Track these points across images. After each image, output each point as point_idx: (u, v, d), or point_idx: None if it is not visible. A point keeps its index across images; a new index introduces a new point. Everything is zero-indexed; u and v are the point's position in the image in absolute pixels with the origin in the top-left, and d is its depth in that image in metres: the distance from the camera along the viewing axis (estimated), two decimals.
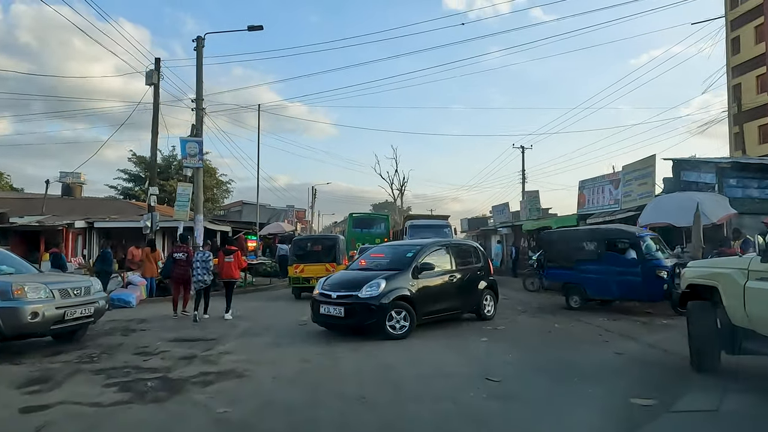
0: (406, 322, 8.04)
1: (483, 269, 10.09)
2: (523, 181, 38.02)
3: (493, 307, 10.12)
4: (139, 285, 13.77)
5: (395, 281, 8.26)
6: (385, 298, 7.94)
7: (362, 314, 7.95)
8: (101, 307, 8.04)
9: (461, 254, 9.84)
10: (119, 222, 17.62)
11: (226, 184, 43.58)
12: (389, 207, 76.79)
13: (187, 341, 8.16)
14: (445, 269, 9.20)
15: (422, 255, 8.92)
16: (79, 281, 8.01)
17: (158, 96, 16.88)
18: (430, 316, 8.66)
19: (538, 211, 26.35)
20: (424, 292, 8.51)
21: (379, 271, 8.66)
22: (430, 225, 22.05)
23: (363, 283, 8.18)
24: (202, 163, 17.39)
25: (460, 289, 9.33)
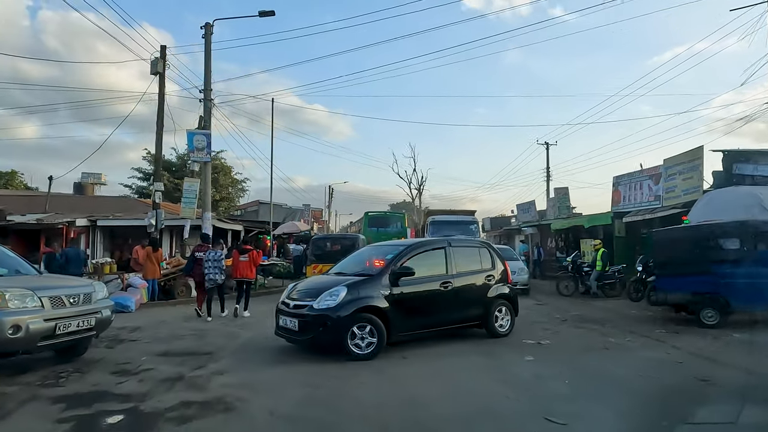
0: (374, 338, 6.60)
1: (495, 274, 8.24)
2: (548, 179, 36.33)
3: (510, 322, 8.22)
4: (139, 287, 12.71)
5: (362, 289, 6.80)
6: (343, 310, 6.52)
7: (316, 329, 6.59)
8: (105, 318, 6.59)
9: (464, 256, 8.04)
10: (123, 220, 16.63)
11: (241, 183, 42.74)
12: (407, 207, 75.62)
13: (178, 355, 7.00)
14: (438, 274, 7.54)
15: (404, 257, 7.35)
16: (77, 286, 6.53)
17: (164, 86, 15.84)
18: (412, 332, 7.14)
19: (568, 209, 24.75)
20: (403, 302, 6.98)
21: (350, 276, 7.29)
22: (453, 221, 19.81)
23: (324, 290, 6.83)
24: (210, 157, 16.31)
25: (458, 299, 7.60)
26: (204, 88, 16.68)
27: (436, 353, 7.03)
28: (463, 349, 7.25)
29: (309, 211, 43.05)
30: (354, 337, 6.56)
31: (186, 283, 14.20)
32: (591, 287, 14.98)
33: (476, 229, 19.67)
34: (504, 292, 8.28)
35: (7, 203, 18.69)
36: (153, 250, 13.12)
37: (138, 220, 16.16)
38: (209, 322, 10.12)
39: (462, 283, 7.71)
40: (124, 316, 11.15)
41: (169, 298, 13.66)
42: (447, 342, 7.60)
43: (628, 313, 11.30)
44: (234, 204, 44.20)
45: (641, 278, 13.04)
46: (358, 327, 6.58)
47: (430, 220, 20.32)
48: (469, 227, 19.35)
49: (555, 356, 6.84)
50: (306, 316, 6.72)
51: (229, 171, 40.63)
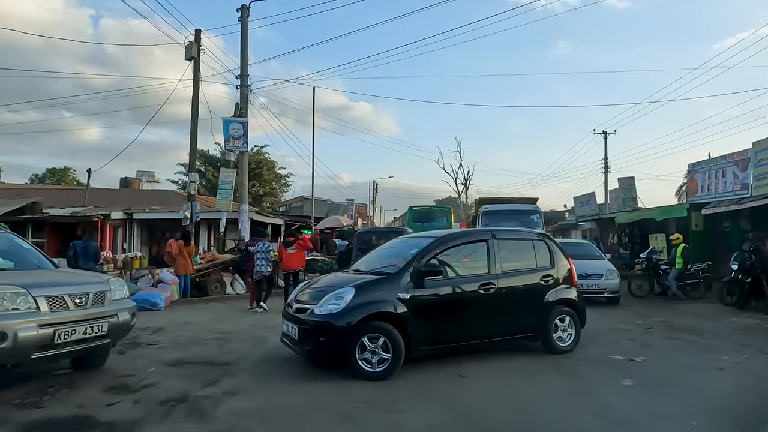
0: (388, 353, 5.28)
1: (555, 274, 6.63)
2: (606, 170, 33.90)
3: (573, 335, 6.57)
4: (170, 284, 11.91)
5: (374, 291, 5.50)
6: (348, 317, 5.23)
7: (316, 339, 5.37)
8: (123, 322, 5.39)
9: (513, 251, 6.51)
10: (159, 213, 16.03)
11: (284, 178, 42.33)
12: (453, 203, 73.72)
13: (191, 365, 5.95)
14: (477, 273, 6.09)
15: (432, 251, 5.92)
16: (87, 284, 5.36)
17: (198, 71, 15.05)
18: (439, 345, 5.74)
19: (633, 201, 22.54)
20: (428, 308, 5.62)
21: (364, 275, 6.01)
22: (511, 211, 17.01)
23: (331, 291, 5.59)
24: (246, 146, 15.44)
25: (504, 304, 6.11)
26: (240, 74, 15.85)
27: (498, 371, 5.65)
28: (532, 367, 5.83)
29: (353, 206, 42.11)
30: (364, 350, 5.25)
31: (220, 279, 13.38)
32: (670, 288, 13.04)
33: (539, 220, 16.51)
34: (566, 297, 6.62)
35: (50, 197, 18.58)
36: (185, 243, 12.29)
37: (174, 213, 15.49)
38: (260, 313, 10.41)
39: (509, 285, 6.19)
40: (151, 314, 10.36)
41: (203, 295, 12.83)
42: (508, 356, 6.22)
43: (727, 320, 9.46)
44: (278, 199, 44.03)
45: (737, 279, 11.08)
46: (369, 338, 5.26)
47: (482, 210, 17.39)
48: (530, 218, 16.44)
49: (659, 380, 5.29)
50: (306, 322, 5.49)
51: (272, 166, 40.31)
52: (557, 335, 6.48)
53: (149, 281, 12.19)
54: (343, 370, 5.32)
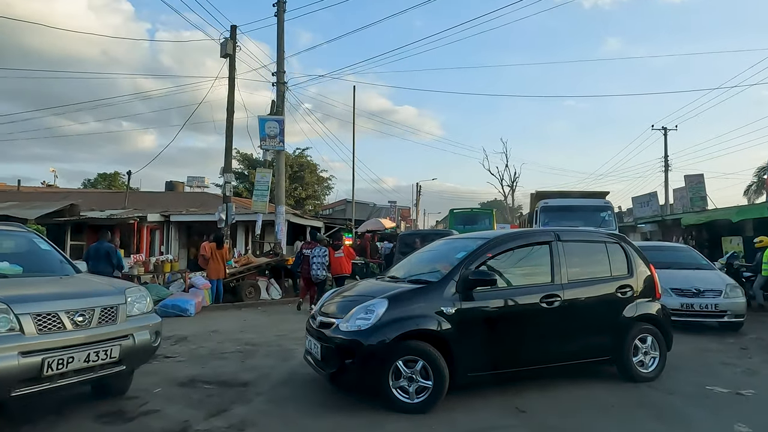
0: (428, 380, 4.32)
1: (634, 285, 5.48)
2: (666, 168, 31.58)
3: (658, 359, 5.39)
4: (202, 288, 11.36)
5: (412, 303, 4.53)
6: (380, 335, 4.29)
7: (340, 361, 4.43)
8: (140, 344, 4.28)
9: (582, 256, 5.42)
10: (196, 215, 15.68)
11: (326, 181, 41.92)
12: (498, 205, 71.66)
13: (204, 385, 5.20)
14: (538, 283, 5.06)
15: (482, 256, 4.91)
16: (95, 296, 4.29)
17: (234, 69, 14.58)
18: (491, 371, 4.72)
19: (703, 201, 20.53)
20: (478, 325, 4.64)
21: (401, 284, 5.04)
22: (576, 206, 14.24)
23: (360, 303, 4.66)
24: (283, 145, 14.83)
25: (572, 321, 5.03)
26: (276, 70, 15.30)
27: (567, 404, 4.58)
28: (610, 400, 4.71)
29: (395, 209, 41.23)
30: (399, 376, 4.32)
31: (255, 284, 12.76)
32: (755, 297, 11.39)
33: (611, 218, 13.90)
34: (648, 312, 5.46)
35: (95, 201, 18.68)
36: (217, 246, 11.72)
37: (210, 215, 15.12)
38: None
39: (578, 297, 5.11)
40: (179, 321, 9.80)
41: (236, 301, 12.24)
42: (576, 384, 5.13)
43: None
44: (321, 202, 43.78)
45: None
46: (405, 362, 4.33)
47: (540, 206, 14.53)
48: (600, 215, 13.82)
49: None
50: (329, 340, 4.56)
51: (314, 168, 40.00)
52: (638, 359, 5.30)
53: (181, 286, 11.69)
54: (374, 398, 4.39)
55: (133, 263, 11.06)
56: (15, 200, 17.48)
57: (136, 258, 11.68)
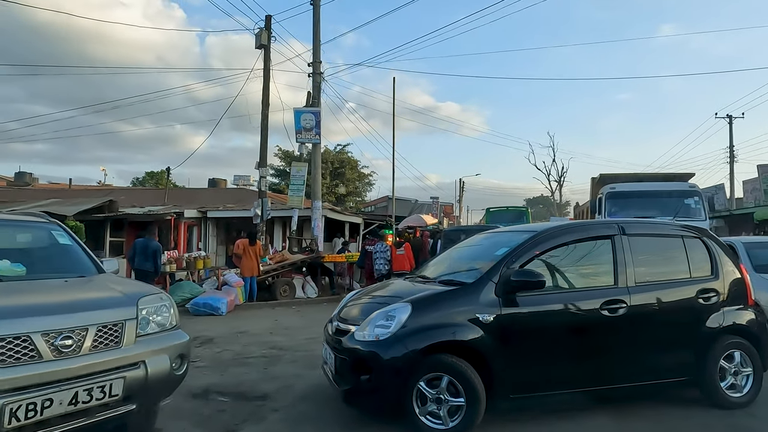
0: (459, 397, 3.56)
1: (720, 288, 4.50)
2: (731, 159, 29.24)
3: (752, 380, 4.38)
4: (234, 286, 10.97)
5: (441, 309, 3.78)
6: (401, 347, 3.57)
7: (355, 377, 3.71)
8: (155, 375, 3.27)
9: (653, 254, 4.53)
10: (232, 211, 15.43)
11: (367, 177, 41.48)
12: (545, 202, 69.36)
13: (219, 396, 4.68)
14: (598, 286, 4.21)
15: (528, 252, 4.10)
16: (95, 307, 3.26)
17: (269, 60, 14.18)
18: (540, 392, 3.92)
19: None
20: (522, 336, 3.86)
21: (433, 285, 4.27)
22: (653, 192, 11.68)
23: (381, 307, 3.95)
24: (319, 138, 14.30)
25: (641, 333, 4.14)
26: (313, 60, 14.79)
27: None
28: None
29: (438, 205, 40.28)
30: (425, 398, 3.58)
31: (290, 282, 12.29)
32: None
33: (699, 206, 11.39)
34: (738, 323, 4.46)
35: (137, 197, 18.84)
36: (250, 243, 11.31)
37: (246, 211, 14.79)
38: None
39: (648, 303, 4.20)
40: (209, 320, 9.43)
41: (271, 299, 11.80)
42: (652, 409, 4.23)
43: None
44: (362, 199, 43.44)
45: None
46: (429, 381, 3.59)
47: (607, 192, 11.88)
48: (685, 203, 11.36)
49: None
50: (344, 351, 3.87)
51: (355, 165, 39.65)
52: (726, 380, 4.32)
53: (213, 283, 11.35)
54: (401, 418, 3.67)
55: (166, 260, 10.78)
56: (61, 198, 17.79)
57: (170, 254, 11.42)
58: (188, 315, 9.73)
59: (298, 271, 13.06)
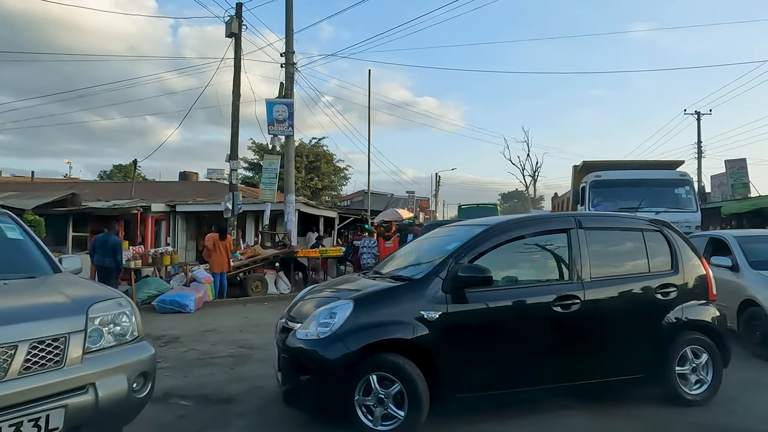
0: (400, 410, 3.44)
1: (680, 283, 4.38)
2: (700, 155, 29.95)
3: (711, 376, 4.26)
4: (204, 282, 10.59)
5: (384, 306, 3.67)
6: (341, 346, 3.45)
7: (295, 378, 3.58)
8: (108, 400, 2.73)
9: (610, 248, 4.47)
10: (202, 205, 14.97)
11: (343, 171, 41.12)
12: (519, 196, 70.10)
13: (181, 400, 4.44)
14: (550, 281, 4.14)
15: (478, 247, 3.96)
16: (28, 319, 2.67)
17: (240, 49, 13.74)
18: (489, 391, 3.78)
19: (745, 188, 19.10)
20: (470, 334, 3.74)
21: (384, 281, 4.13)
22: (641, 180, 10.95)
23: (325, 304, 3.84)
24: (292, 130, 13.95)
25: (595, 329, 4.04)
26: (285, 50, 14.37)
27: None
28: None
29: (413, 199, 40.21)
30: (368, 399, 3.46)
31: (262, 277, 11.95)
32: None
33: (690, 196, 10.78)
34: (698, 318, 4.36)
35: (101, 191, 18.16)
36: (220, 237, 10.93)
37: (217, 205, 14.37)
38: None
39: (603, 299, 4.09)
40: (177, 318, 9.07)
41: (242, 295, 11.45)
42: (604, 409, 4.13)
43: None
44: (338, 193, 43.07)
45: None
46: (372, 381, 3.46)
47: (591, 181, 11.09)
48: (675, 192, 10.77)
49: None
50: (285, 349, 3.74)
51: (330, 158, 39.24)
52: (685, 378, 4.22)
53: (182, 279, 10.95)
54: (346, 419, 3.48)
55: (131, 256, 10.32)
56: (22, 191, 17.01)
57: (135, 250, 10.95)
58: (154, 313, 9.35)
59: (270, 267, 12.73)
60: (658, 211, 10.00)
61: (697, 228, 10.23)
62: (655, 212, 10.00)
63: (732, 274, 6.39)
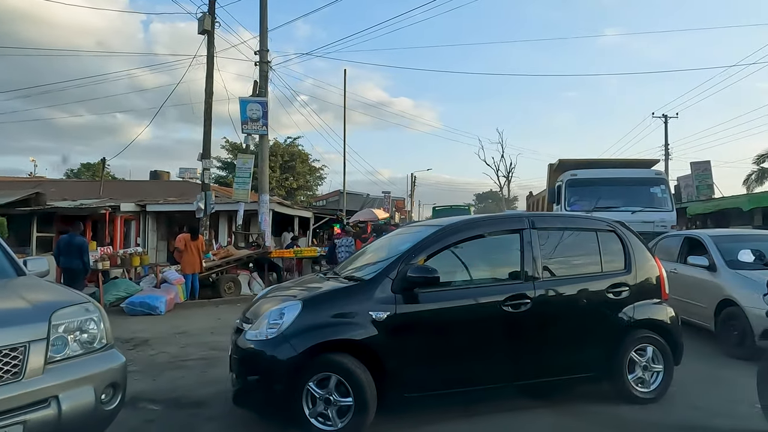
0: (348, 400, 3.48)
1: (632, 282, 4.44)
2: (667, 157, 30.81)
3: (661, 375, 4.33)
4: (175, 284, 10.39)
5: (332, 307, 3.72)
6: (288, 347, 3.48)
7: (244, 378, 3.68)
8: (72, 413, 2.57)
9: (563, 248, 4.49)
10: (174, 205, 14.69)
11: (318, 171, 40.92)
12: (494, 197, 70.89)
13: (150, 404, 4.40)
14: (503, 282, 4.19)
15: (428, 248, 4.01)
16: None
17: (213, 46, 13.53)
18: (439, 390, 3.83)
19: (709, 189, 19.73)
20: (419, 333, 3.80)
21: (335, 282, 4.23)
22: (617, 179, 10.97)
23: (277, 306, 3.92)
24: (266, 129, 13.80)
25: (546, 328, 4.10)
26: (259, 48, 14.24)
27: None
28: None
29: (389, 199, 40.29)
30: (315, 399, 3.49)
31: (235, 278, 11.79)
32: None
33: (665, 195, 10.77)
34: (650, 317, 4.43)
35: (67, 189, 17.64)
36: (192, 238, 10.73)
37: (189, 204, 14.11)
38: None
39: (554, 298, 4.16)
40: (147, 320, 8.89)
41: (215, 296, 11.27)
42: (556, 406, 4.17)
43: None
44: (313, 193, 42.82)
45: None
46: (319, 382, 3.50)
47: (567, 180, 11.05)
48: (650, 191, 10.75)
49: None
50: (236, 350, 3.80)
51: (306, 158, 38.97)
52: (636, 376, 4.27)
53: (152, 281, 10.72)
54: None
55: (99, 256, 10.05)
56: None
57: (103, 251, 10.67)
58: (123, 315, 9.13)
59: (244, 267, 12.57)
60: (634, 210, 10.11)
61: (672, 227, 10.25)
62: (631, 211, 10.08)
63: (709, 274, 6.29)
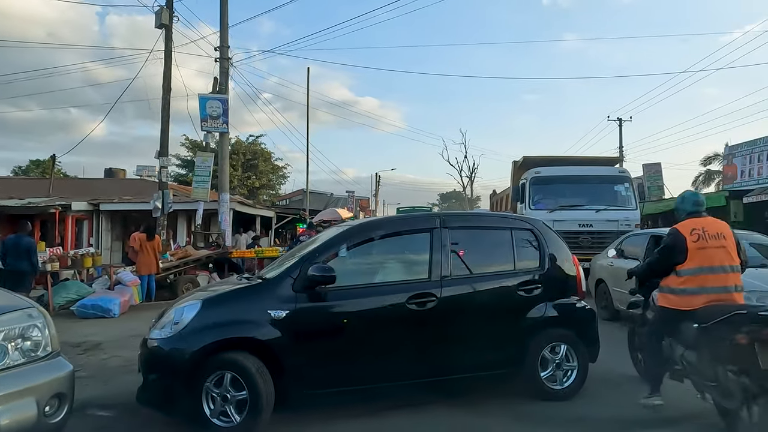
0: (242, 394, 3.53)
1: (545, 281, 4.48)
2: (621, 159, 32.00)
3: (575, 372, 4.38)
4: (129, 285, 10.06)
5: (231, 306, 3.83)
6: (185, 344, 3.57)
7: (146, 375, 3.81)
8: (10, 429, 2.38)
9: (474, 247, 4.50)
10: (129, 204, 14.21)
11: (281, 170, 40.44)
12: (458, 197, 71.88)
13: (99, 411, 4.26)
14: (408, 280, 4.25)
15: (332, 248, 4.12)
16: None
17: (171, 41, 13.17)
18: (338, 387, 3.87)
19: (660, 190, 20.63)
20: (318, 331, 3.88)
21: (241, 283, 4.32)
22: (581, 177, 10.94)
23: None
24: (226, 127, 13.55)
25: (452, 326, 4.12)
26: (220, 45, 13.97)
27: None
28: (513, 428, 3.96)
29: (353, 198, 40.22)
30: (215, 399, 3.56)
31: (193, 279, 11.52)
32: None
33: (629, 193, 10.83)
34: (564, 315, 4.47)
35: (14, 187, 16.80)
36: (148, 238, 10.42)
37: (145, 203, 13.68)
38: None
39: (461, 297, 4.19)
40: (100, 324, 8.55)
41: (172, 298, 10.96)
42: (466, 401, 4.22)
43: None
44: (276, 192, 42.30)
45: None
46: (217, 380, 3.56)
47: (532, 178, 11.04)
48: (614, 189, 10.79)
49: None
50: (141, 348, 3.95)
51: (268, 157, 38.46)
52: (548, 372, 4.33)
53: (106, 282, 10.34)
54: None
55: (47, 257, 9.62)
56: None
57: (52, 251, 10.22)
58: (74, 318, 8.77)
59: (203, 268, 12.32)
60: (599, 209, 10.22)
61: (636, 226, 10.31)
62: (596, 210, 10.21)
63: None
